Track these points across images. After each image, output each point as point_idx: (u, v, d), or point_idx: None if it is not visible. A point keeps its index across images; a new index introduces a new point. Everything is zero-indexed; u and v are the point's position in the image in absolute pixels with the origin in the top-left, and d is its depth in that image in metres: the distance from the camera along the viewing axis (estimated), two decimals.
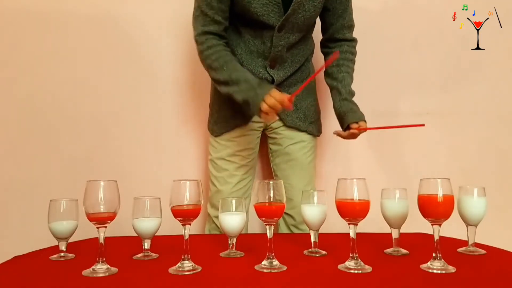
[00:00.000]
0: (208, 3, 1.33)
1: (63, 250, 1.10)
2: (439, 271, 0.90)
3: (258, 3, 1.32)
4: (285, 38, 1.40)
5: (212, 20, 1.35)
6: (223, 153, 1.53)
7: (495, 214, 1.33)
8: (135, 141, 1.83)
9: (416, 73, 1.87)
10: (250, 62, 1.44)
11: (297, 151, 1.54)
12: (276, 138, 1.56)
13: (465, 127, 1.85)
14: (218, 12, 1.35)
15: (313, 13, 1.39)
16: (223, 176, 1.53)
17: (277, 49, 1.41)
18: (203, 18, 1.36)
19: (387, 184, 1.15)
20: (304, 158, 1.55)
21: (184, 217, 0.94)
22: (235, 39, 1.45)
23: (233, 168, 1.53)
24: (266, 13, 1.34)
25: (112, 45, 1.84)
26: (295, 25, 1.38)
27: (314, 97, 1.60)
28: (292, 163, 1.55)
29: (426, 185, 0.94)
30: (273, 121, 1.50)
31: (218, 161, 1.54)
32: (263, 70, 1.45)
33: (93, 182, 0.92)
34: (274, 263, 0.94)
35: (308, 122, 1.55)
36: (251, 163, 1.56)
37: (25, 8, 1.80)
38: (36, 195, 1.75)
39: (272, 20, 1.35)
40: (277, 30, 1.37)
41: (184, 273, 0.90)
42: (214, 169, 1.56)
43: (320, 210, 1.11)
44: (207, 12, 1.34)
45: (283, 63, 1.46)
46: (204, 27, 1.36)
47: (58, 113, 1.81)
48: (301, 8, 1.35)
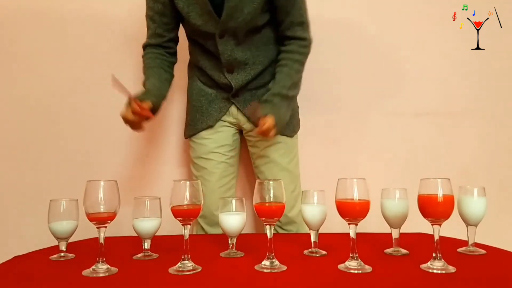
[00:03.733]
0: (150, 17, 1.41)
1: (63, 250, 1.10)
2: (439, 271, 0.90)
3: (196, 14, 1.35)
4: (230, 42, 1.39)
5: (154, 33, 1.43)
6: (200, 152, 1.53)
7: (495, 214, 1.33)
8: (135, 141, 1.83)
9: (416, 73, 1.87)
10: (211, 68, 1.46)
11: (273, 152, 1.51)
12: (252, 141, 1.55)
13: (465, 127, 1.85)
14: (160, 25, 1.42)
15: (253, 14, 1.34)
16: (202, 175, 1.52)
17: (226, 54, 1.40)
18: (147, 30, 1.45)
19: (387, 184, 1.15)
20: (282, 159, 1.51)
21: (184, 217, 0.94)
22: (197, 46, 1.47)
23: (212, 166, 1.52)
24: (204, 23, 1.36)
25: (112, 45, 1.83)
26: (236, 29, 1.36)
27: None
28: (270, 165, 1.51)
29: (426, 185, 0.94)
30: (140, 131, 1.37)
31: (196, 160, 1.54)
32: (221, 75, 1.45)
33: (93, 182, 0.92)
34: (274, 263, 0.94)
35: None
36: (230, 160, 1.55)
37: (25, 9, 1.80)
38: (36, 195, 1.75)
39: (211, 28, 1.36)
40: (218, 36, 1.37)
41: (184, 273, 0.90)
42: (194, 169, 1.57)
43: (320, 210, 1.11)
44: (149, 25, 1.43)
45: (243, 66, 1.44)
46: (148, 39, 1.46)
47: (58, 113, 1.81)
48: (238, 12, 1.32)
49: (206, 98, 1.51)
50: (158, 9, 1.38)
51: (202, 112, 1.51)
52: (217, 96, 1.50)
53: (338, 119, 1.84)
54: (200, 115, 1.52)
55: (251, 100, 1.48)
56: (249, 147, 1.59)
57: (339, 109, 1.84)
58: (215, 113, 1.51)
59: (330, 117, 1.85)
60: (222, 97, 1.50)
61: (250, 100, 1.48)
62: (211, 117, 1.51)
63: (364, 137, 1.47)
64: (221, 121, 1.52)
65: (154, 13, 1.40)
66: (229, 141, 1.55)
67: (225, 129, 1.54)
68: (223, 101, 1.50)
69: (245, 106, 1.48)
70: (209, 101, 1.51)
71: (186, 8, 1.35)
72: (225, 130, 1.54)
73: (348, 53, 1.85)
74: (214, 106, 1.51)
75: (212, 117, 1.51)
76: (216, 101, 1.50)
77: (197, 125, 1.52)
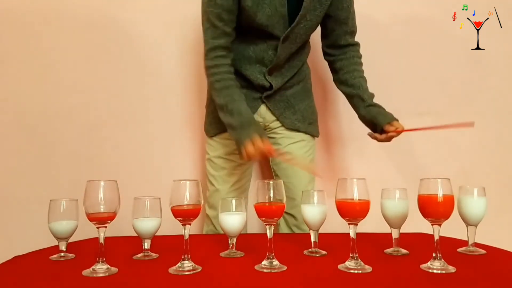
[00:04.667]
0: (217, 15, 1.31)
1: (63, 250, 1.10)
2: (439, 271, 0.90)
3: (263, 14, 1.32)
4: (289, 48, 1.41)
5: (223, 32, 1.34)
6: (221, 152, 1.52)
7: (495, 214, 1.33)
8: (135, 141, 1.84)
9: (415, 73, 1.87)
10: (248, 68, 1.44)
11: (297, 150, 1.53)
12: (275, 138, 1.56)
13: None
14: (228, 23, 1.33)
15: (314, 23, 1.40)
16: (221, 175, 1.52)
17: (280, 59, 1.41)
18: (213, 31, 1.34)
19: (387, 184, 1.15)
20: (305, 157, 1.54)
21: (184, 217, 0.94)
22: (236, 44, 1.44)
23: (232, 167, 1.52)
24: (271, 25, 1.34)
25: (112, 46, 1.84)
26: (298, 35, 1.39)
27: (311, 99, 1.60)
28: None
29: (426, 185, 0.94)
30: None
31: (216, 159, 1.53)
32: (261, 76, 1.45)
33: (93, 182, 0.92)
34: (274, 263, 0.94)
35: (307, 123, 1.55)
36: (248, 163, 1.55)
37: (26, 10, 1.80)
38: (36, 195, 1.75)
39: (276, 31, 1.36)
40: (282, 41, 1.37)
41: (184, 273, 0.90)
42: (212, 168, 1.55)
43: (320, 210, 1.11)
44: (217, 24, 1.32)
45: (281, 69, 1.47)
46: (214, 41, 1.34)
47: (58, 113, 1.81)
48: (303, 19, 1.35)
49: None
50: (227, 5, 1.30)
51: None
52: (247, 95, 1.46)
53: (337, 119, 1.84)
54: None
55: (281, 100, 1.50)
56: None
57: (339, 109, 1.84)
58: None
59: (330, 117, 1.85)
60: (252, 97, 1.48)
61: (280, 100, 1.50)
62: None
63: (363, 137, 1.47)
64: None
65: (223, 10, 1.31)
66: None
67: None
68: (253, 101, 1.48)
69: (276, 106, 1.50)
70: None
71: (254, 7, 1.31)
72: None
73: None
74: None
75: None
76: (246, 101, 1.46)
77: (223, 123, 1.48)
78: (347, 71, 1.49)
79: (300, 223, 1.54)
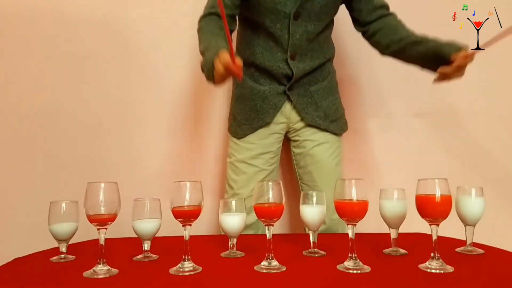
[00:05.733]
0: None
1: (64, 251, 1.10)
2: (438, 270, 0.90)
3: None
4: (302, 26, 1.39)
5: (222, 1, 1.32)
6: (244, 156, 1.51)
7: (493, 214, 1.33)
8: (135, 143, 1.84)
9: (415, 73, 1.87)
10: (270, 58, 1.44)
11: (322, 153, 1.51)
12: (299, 141, 1.54)
13: (464, 127, 1.86)
14: None
15: (330, 0, 1.39)
16: (242, 180, 1.50)
17: (295, 37, 1.40)
18: (212, 1, 1.38)
19: (385, 184, 1.15)
20: (330, 160, 1.51)
21: (185, 218, 0.94)
22: (254, 37, 1.45)
23: (253, 172, 1.50)
24: (283, 0, 1.34)
25: (112, 47, 1.84)
26: (311, 12, 1.38)
27: (336, 96, 1.57)
28: (318, 165, 1.51)
29: (424, 185, 0.94)
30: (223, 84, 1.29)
31: (238, 164, 1.52)
32: (283, 64, 1.44)
33: (93, 184, 0.92)
34: (273, 263, 0.94)
35: (329, 121, 1.52)
36: (271, 167, 1.54)
37: (27, 11, 1.81)
38: (37, 197, 1.75)
39: (288, 7, 1.35)
40: (293, 17, 1.37)
41: (184, 273, 0.91)
42: (233, 172, 1.53)
43: (319, 211, 1.11)
44: None
45: (303, 56, 1.45)
46: (211, 9, 1.37)
47: (58, 115, 1.81)
48: None
49: (259, 95, 1.48)
50: None
51: (257, 111, 1.48)
52: (270, 92, 1.47)
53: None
54: (255, 113, 1.49)
55: (304, 95, 1.49)
56: (294, 148, 1.57)
57: None
58: (270, 109, 1.48)
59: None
60: (276, 92, 1.48)
61: (303, 95, 1.49)
62: (268, 114, 1.48)
63: (363, 138, 1.48)
64: (273, 125, 1.50)
65: None
66: (275, 148, 1.53)
67: (274, 135, 1.52)
68: (277, 97, 1.48)
69: (299, 100, 1.48)
70: (263, 98, 1.48)
71: None
72: (274, 136, 1.52)
73: (347, 54, 1.86)
74: (269, 103, 1.48)
75: (269, 114, 1.48)
76: (270, 97, 1.48)
77: (253, 123, 1.49)
78: (389, 33, 1.43)
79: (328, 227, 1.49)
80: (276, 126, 1.52)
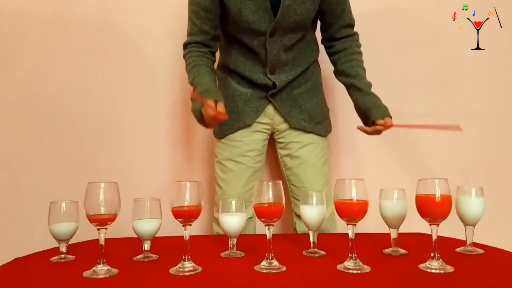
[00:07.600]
0: (196, 12, 1.37)
1: (64, 251, 1.10)
2: (438, 270, 0.90)
3: (248, 10, 1.33)
4: (278, 42, 1.40)
5: (200, 30, 1.39)
6: (231, 154, 1.51)
7: (493, 214, 1.33)
8: (135, 143, 1.84)
9: (415, 73, 1.87)
10: (251, 69, 1.46)
11: (308, 154, 1.52)
12: (284, 143, 1.55)
13: (464, 127, 1.85)
14: (205, 22, 1.38)
15: (305, 16, 1.39)
16: (229, 178, 1.51)
17: (273, 53, 1.41)
18: (191, 27, 1.41)
19: (385, 184, 1.15)
20: (316, 160, 1.52)
21: (185, 218, 0.94)
22: (236, 47, 1.46)
23: (240, 170, 1.51)
24: (257, 20, 1.35)
25: (113, 47, 1.84)
26: (287, 29, 1.38)
27: (320, 97, 1.58)
28: (304, 166, 1.52)
29: (424, 185, 0.94)
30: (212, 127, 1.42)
31: (225, 162, 1.52)
32: (263, 76, 1.45)
33: (93, 183, 0.92)
34: (273, 263, 0.94)
35: (313, 123, 1.53)
36: (258, 165, 1.54)
37: (26, 11, 1.81)
38: (37, 197, 1.76)
39: (263, 26, 1.36)
40: (269, 35, 1.37)
41: (185, 273, 0.91)
42: (220, 171, 1.54)
43: (319, 211, 1.11)
44: (195, 22, 1.39)
45: (284, 67, 1.46)
46: (191, 37, 1.42)
47: (58, 115, 1.81)
48: (291, 12, 1.34)
49: (241, 98, 1.49)
50: (205, 4, 1.35)
51: (238, 112, 1.49)
52: (253, 95, 1.49)
53: (337, 120, 1.84)
54: (237, 115, 1.49)
55: (287, 99, 1.50)
56: (280, 149, 1.58)
57: (338, 109, 1.84)
58: (252, 112, 1.49)
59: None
60: (258, 96, 1.49)
61: (286, 99, 1.50)
62: (248, 117, 1.49)
63: (362, 138, 1.48)
64: (256, 124, 1.51)
65: (200, 9, 1.36)
66: (259, 145, 1.53)
67: (258, 134, 1.53)
68: (259, 100, 1.49)
69: (282, 104, 1.50)
70: (245, 101, 1.49)
71: (239, 4, 1.33)
72: (258, 135, 1.53)
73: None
74: (251, 106, 1.49)
75: (250, 117, 1.49)
76: (252, 100, 1.49)
77: (234, 124, 1.50)
78: (344, 61, 1.48)
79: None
80: (259, 125, 1.52)
